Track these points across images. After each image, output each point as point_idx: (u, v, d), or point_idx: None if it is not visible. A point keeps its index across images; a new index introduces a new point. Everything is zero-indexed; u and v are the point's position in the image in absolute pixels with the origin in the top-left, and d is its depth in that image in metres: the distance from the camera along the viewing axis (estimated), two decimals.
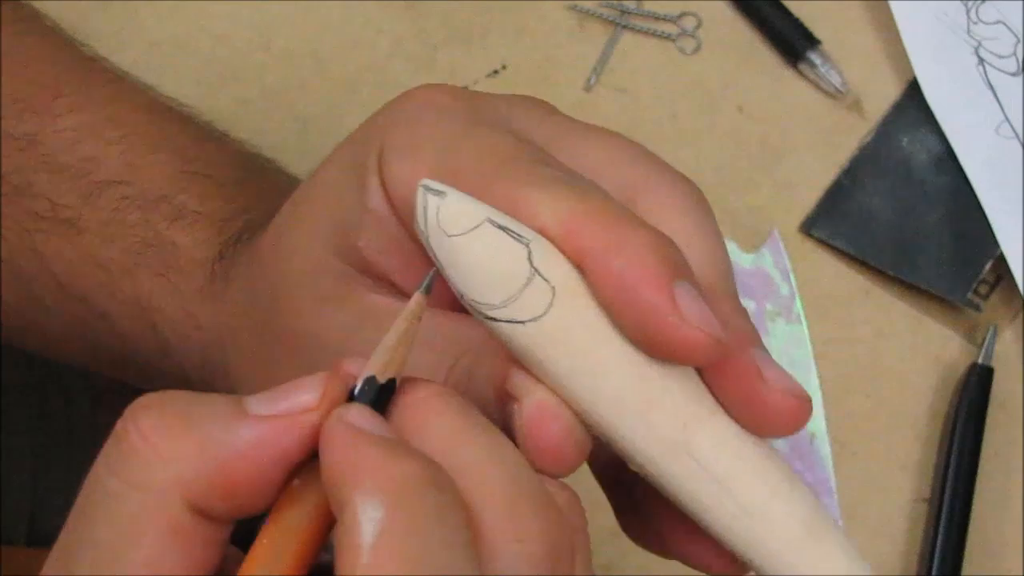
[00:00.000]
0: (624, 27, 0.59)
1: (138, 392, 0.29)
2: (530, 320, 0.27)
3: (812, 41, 0.58)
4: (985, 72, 0.58)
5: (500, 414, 0.29)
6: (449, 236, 0.27)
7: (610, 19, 0.59)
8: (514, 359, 0.28)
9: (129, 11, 0.58)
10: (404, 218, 0.31)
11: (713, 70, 0.58)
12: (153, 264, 0.41)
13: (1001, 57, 0.58)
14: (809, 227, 0.56)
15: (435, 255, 0.28)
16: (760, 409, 0.28)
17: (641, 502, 0.31)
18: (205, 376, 0.40)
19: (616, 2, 0.59)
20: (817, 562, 0.28)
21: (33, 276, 0.43)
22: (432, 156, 0.30)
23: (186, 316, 0.40)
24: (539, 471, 0.27)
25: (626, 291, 0.27)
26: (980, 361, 0.54)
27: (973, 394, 0.53)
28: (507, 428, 0.28)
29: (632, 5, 0.59)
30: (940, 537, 0.52)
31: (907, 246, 0.55)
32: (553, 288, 0.27)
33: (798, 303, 0.55)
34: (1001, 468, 0.54)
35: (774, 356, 0.57)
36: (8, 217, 0.43)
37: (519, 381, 0.28)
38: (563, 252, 0.28)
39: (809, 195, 0.57)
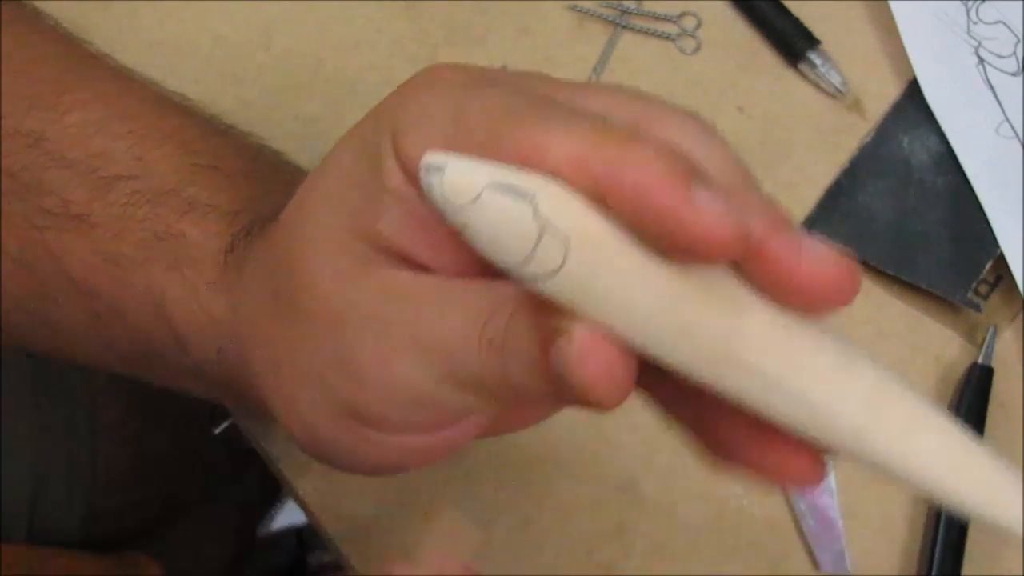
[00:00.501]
0: (624, 27, 0.59)
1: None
2: (551, 272, 0.28)
3: (812, 41, 0.58)
4: (985, 72, 0.58)
5: (543, 363, 0.29)
6: (456, 208, 0.28)
7: (610, 19, 0.59)
8: (551, 306, 0.29)
9: (129, 11, 0.58)
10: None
11: (713, 70, 0.58)
12: (165, 258, 0.41)
13: (1001, 57, 0.58)
14: (809, 227, 0.56)
15: (451, 226, 0.28)
16: (806, 286, 0.27)
17: (703, 421, 0.31)
18: (222, 369, 0.40)
19: (616, 2, 0.59)
20: (882, 440, 0.27)
21: (44, 272, 0.43)
22: (443, 125, 0.30)
23: (200, 309, 0.40)
24: (596, 401, 0.28)
25: (643, 201, 0.27)
26: (980, 361, 0.54)
27: (973, 394, 0.53)
28: (555, 373, 0.28)
29: (632, 5, 0.59)
30: (940, 537, 0.52)
31: (907, 246, 0.55)
32: (566, 238, 0.28)
33: None
34: None
35: None
36: (18, 214, 0.43)
37: (562, 318, 0.28)
38: (577, 187, 0.28)
39: (809, 195, 0.57)
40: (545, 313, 0.29)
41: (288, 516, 1.06)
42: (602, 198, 0.27)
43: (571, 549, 0.51)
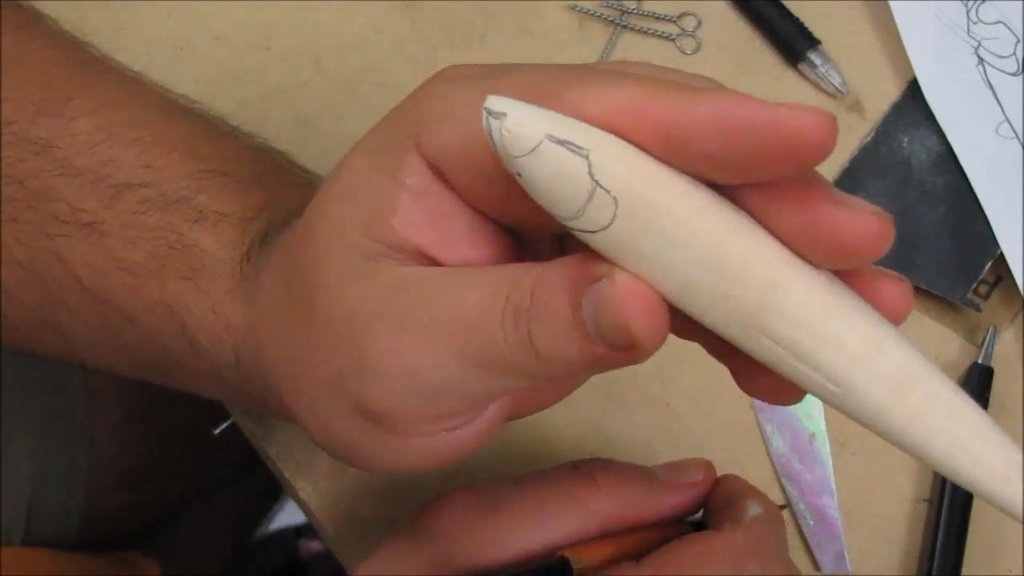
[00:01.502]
0: (624, 27, 0.58)
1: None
2: (599, 231, 0.29)
3: (812, 41, 0.58)
4: (985, 72, 0.58)
5: (575, 314, 0.29)
6: (515, 157, 0.28)
7: (610, 19, 0.58)
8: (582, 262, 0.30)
9: (129, 11, 0.58)
10: (456, 182, 0.32)
11: (713, 70, 0.58)
12: (179, 267, 0.41)
13: (1001, 57, 0.58)
14: None
15: (510, 172, 0.29)
16: (847, 235, 0.28)
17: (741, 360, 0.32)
18: (240, 376, 0.40)
19: (616, 2, 0.59)
20: (908, 421, 0.28)
21: (54, 279, 0.42)
22: (471, 112, 0.30)
23: (216, 318, 0.40)
24: (636, 340, 0.29)
25: (728, 123, 0.27)
26: (980, 361, 0.54)
27: (973, 394, 0.53)
28: (589, 318, 0.29)
29: (632, 5, 0.59)
30: (940, 537, 0.52)
31: (907, 246, 0.55)
32: (615, 199, 0.28)
33: None
34: None
35: None
36: (27, 222, 0.43)
37: (602, 264, 0.29)
38: (639, 134, 0.28)
39: None
40: (575, 268, 0.30)
41: (288, 516, 1.06)
42: (666, 142, 0.28)
43: None
